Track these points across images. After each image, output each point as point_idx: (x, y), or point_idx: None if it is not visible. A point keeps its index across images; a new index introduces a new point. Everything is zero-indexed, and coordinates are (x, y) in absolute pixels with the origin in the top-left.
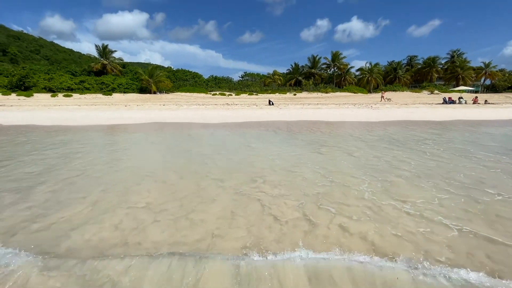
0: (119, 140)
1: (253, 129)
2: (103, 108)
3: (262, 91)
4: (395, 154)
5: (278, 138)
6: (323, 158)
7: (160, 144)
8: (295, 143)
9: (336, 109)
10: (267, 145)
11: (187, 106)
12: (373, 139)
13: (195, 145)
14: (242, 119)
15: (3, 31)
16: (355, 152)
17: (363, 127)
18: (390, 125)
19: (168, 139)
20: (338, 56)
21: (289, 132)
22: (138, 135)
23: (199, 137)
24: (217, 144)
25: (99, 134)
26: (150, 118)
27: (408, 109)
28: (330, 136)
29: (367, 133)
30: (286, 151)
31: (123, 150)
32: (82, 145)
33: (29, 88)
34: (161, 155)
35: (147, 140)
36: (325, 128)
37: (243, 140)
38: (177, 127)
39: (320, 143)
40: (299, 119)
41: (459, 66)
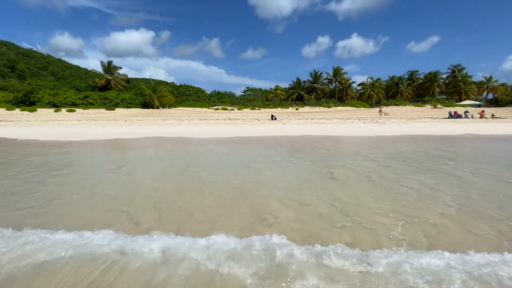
0: (108, 159)
1: (255, 146)
2: (103, 123)
3: (264, 105)
4: (419, 179)
5: (281, 157)
6: (336, 185)
7: (152, 163)
8: (301, 164)
9: (340, 124)
10: (270, 165)
11: (188, 121)
12: (386, 158)
13: (190, 165)
14: (243, 134)
15: (13, 48)
16: (370, 175)
17: (371, 143)
18: (400, 141)
19: (162, 158)
20: (339, 71)
21: (293, 150)
22: (132, 152)
23: (196, 155)
24: (215, 164)
25: (87, 150)
26: (148, 133)
27: (416, 124)
28: (337, 154)
29: (377, 150)
30: (292, 173)
31: (106, 172)
32: (62, 160)
33: (34, 103)
34: (148, 179)
35: (139, 158)
36: (331, 144)
37: (243, 159)
38: (175, 143)
39: (329, 164)
40: (302, 134)
41: (461, 81)
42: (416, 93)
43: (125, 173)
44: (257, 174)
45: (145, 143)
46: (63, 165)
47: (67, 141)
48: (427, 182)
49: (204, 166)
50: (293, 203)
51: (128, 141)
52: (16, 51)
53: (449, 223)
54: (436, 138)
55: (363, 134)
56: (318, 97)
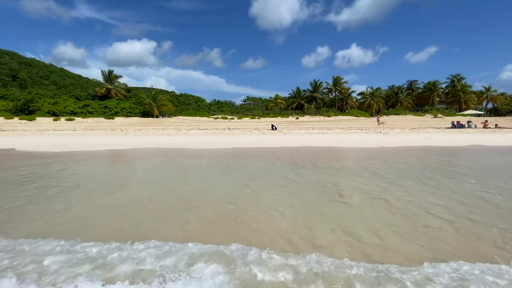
0: (87, 174)
1: (253, 159)
2: (99, 133)
3: (264, 115)
4: (446, 204)
5: (282, 174)
6: (349, 212)
7: (136, 180)
8: (305, 183)
9: (343, 134)
10: (270, 185)
11: (186, 131)
12: (397, 174)
13: (180, 183)
14: (242, 145)
15: (16, 58)
16: (386, 197)
17: (377, 156)
18: (407, 153)
19: (150, 173)
20: (339, 80)
21: (294, 165)
22: (118, 166)
23: (189, 171)
24: (208, 182)
25: (71, 162)
26: (143, 144)
27: (421, 134)
28: (343, 169)
29: (386, 164)
30: (296, 195)
31: (73, 191)
32: (35, 174)
33: (33, 112)
34: (123, 203)
35: (122, 173)
36: (335, 157)
37: (240, 176)
38: (168, 155)
39: (335, 182)
40: (304, 145)
41: (460, 90)
42: (416, 102)
43: (97, 191)
44: (255, 195)
45: (136, 155)
46: (33, 179)
47: (54, 152)
48: (457, 209)
49: (195, 185)
50: (302, 241)
51: (119, 153)
52: (19, 61)
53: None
54: (444, 150)
55: (367, 145)
56: (318, 106)
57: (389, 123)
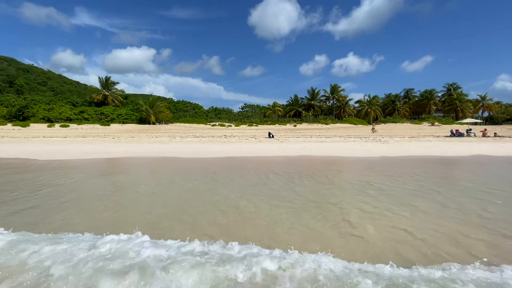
0: (57, 188)
1: (247, 172)
2: (89, 140)
3: (262, 122)
4: (486, 239)
5: (276, 192)
6: (363, 250)
7: (105, 198)
8: (304, 204)
9: (341, 143)
10: (264, 205)
11: (180, 139)
12: (408, 191)
13: (157, 203)
14: (237, 154)
15: (14, 64)
16: (406, 227)
17: (379, 168)
18: (411, 163)
19: (125, 189)
20: (336, 88)
21: (291, 179)
22: (95, 180)
23: (172, 185)
24: (192, 201)
25: (47, 172)
26: (133, 152)
27: (421, 143)
28: (345, 185)
29: (391, 178)
30: (294, 222)
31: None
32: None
33: (28, 118)
34: (73, 227)
35: (95, 188)
36: (335, 169)
37: (231, 192)
38: (155, 166)
39: (338, 203)
40: (301, 154)
41: (457, 99)
42: (413, 110)
43: (49, 210)
44: (244, 222)
45: (121, 164)
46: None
47: (33, 160)
48: (504, 246)
49: (175, 206)
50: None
51: (104, 162)
52: (17, 67)
53: None
54: (450, 161)
55: (367, 155)
56: (316, 114)
57: (386, 131)
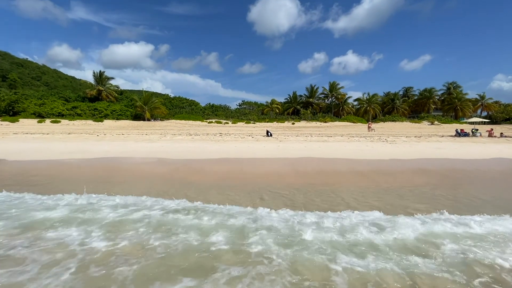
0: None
1: (234, 185)
2: (71, 138)
3: (259, 119)
4: None
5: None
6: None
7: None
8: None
9: (345, 142)
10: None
11: (171, 137)
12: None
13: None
14: (231, 155)
15: (7, 58)
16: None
17: (399, 176)
18: (431, 168)
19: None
20: (335, 86)
21: (291, 197)
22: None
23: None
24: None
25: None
26: (114, 152)
27: (430, 144)
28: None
29: (426, 197)
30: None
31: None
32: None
33: (18, 114)
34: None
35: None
36: (347, 178)
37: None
38: (125, 175)
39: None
40: (303, 155)
41: (456, 98)
42: (412, 109)
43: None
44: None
45: (87, 169)
46: None
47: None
48: None
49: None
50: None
51: (66, 166)
52: (11, 61)
53: None
54: (475, 166)
55: (376, 157)
56: (314, 111)
57: (386, 129)
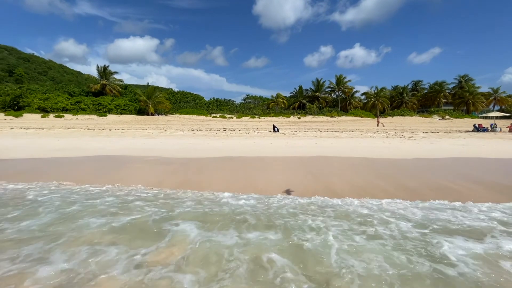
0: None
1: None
2: (67, 134)
3: (264, 114)
4: None
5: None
6: None
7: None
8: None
9: (359, 139)
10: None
11: (171, 132)
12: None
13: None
14: (233, 153)
15: (14, 53)
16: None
17: (435, 179)
18: (469, 173)
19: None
20: (342, 80)
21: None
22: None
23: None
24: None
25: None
26: (108, 150)
27: (453, 140)
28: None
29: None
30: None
31: None
32: None
33: (22, 108)
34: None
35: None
36: (377, 184)
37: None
38: (112, 179)
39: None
40: (316, 154)
41: (468, 91)
42: (421, 103)
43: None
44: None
45: (55, 174)
46: None
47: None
48: None
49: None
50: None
51: (47, 166)
52: (17, 56)
53: None
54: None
55: (399, 156)
56: (321, 106)
57: (396, 124)
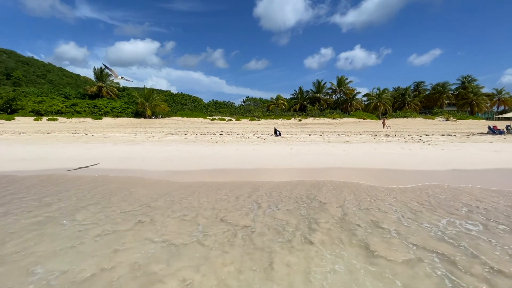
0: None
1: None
2: (38, 139)
3: (264, 116)
4: None
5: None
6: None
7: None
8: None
9: (373, 143)
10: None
11: (159, 137)
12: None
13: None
14: (229, 164)
15: (13, 56)
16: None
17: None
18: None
19: None
20: (343, 81)
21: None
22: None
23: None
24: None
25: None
26: (74, 159)
27: (480, 145)
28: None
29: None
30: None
31: None
32: None
33: (16, 111)
34: None
35: None
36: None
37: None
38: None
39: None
40: (330, 165)
41: (471, 92)
42: (424, 104)
43: None
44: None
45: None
46: None
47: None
48: None
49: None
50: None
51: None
52: (16, 59)
53: None
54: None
55: (429, 167)
56: (322, 107)
57: (400, 126)
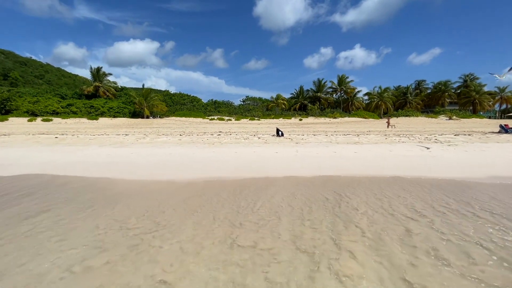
0: None
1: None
2: (15, 142)
3: (264, 116)
4: None
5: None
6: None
7: None
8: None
9: (387, 144)
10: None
11: (151, 138)
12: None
13: None
14: (226, 171)
15: (11, 57)
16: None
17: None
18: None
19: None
20: (344, 80)
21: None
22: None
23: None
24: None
25: None
26: (50, 164)
27: (503, 145)
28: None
29: None
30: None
31: None
32: None
33: (10, 112)
34: None
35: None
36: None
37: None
38: None
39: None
40: (345, 173)
41: (474, 90)
42: (425, 103)
43: None
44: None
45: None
46: None
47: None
48: None
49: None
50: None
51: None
52: (14, 60)
53: None
54: None
55: (466, 174)
56: (322, 107)
57: (403, 125)
